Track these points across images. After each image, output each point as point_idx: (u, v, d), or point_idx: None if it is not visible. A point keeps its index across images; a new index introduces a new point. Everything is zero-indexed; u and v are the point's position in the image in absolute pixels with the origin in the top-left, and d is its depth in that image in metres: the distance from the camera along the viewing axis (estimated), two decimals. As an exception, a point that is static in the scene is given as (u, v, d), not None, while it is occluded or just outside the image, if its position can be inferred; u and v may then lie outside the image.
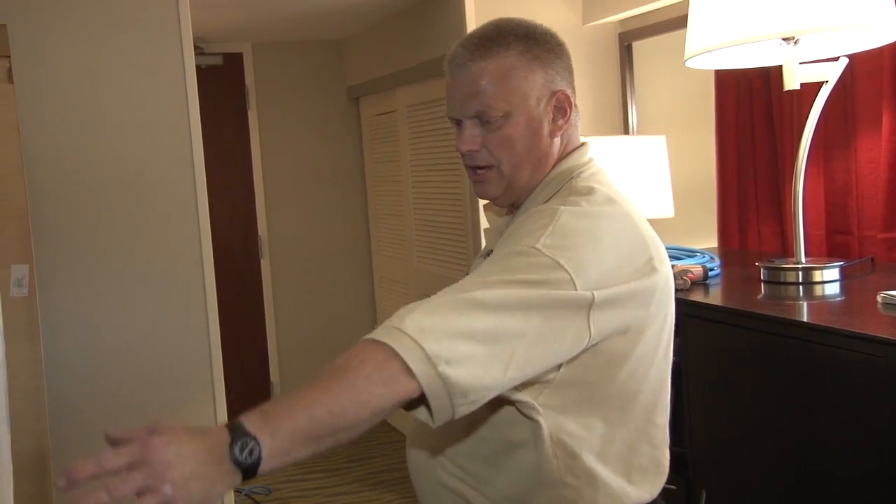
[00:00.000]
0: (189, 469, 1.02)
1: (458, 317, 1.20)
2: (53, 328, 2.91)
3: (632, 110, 3.76)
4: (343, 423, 1.12)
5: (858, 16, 2.03)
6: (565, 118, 1.46)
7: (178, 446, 1.03)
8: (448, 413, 1.18)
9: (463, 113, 1.45)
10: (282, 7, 4.15)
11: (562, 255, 1.27)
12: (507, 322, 1.22)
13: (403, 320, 1.19)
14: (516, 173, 1.45)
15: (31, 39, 2.90)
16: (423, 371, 1.15)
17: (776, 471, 1.95)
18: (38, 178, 2.89)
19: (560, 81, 1.45)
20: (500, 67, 1.41)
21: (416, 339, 1.16)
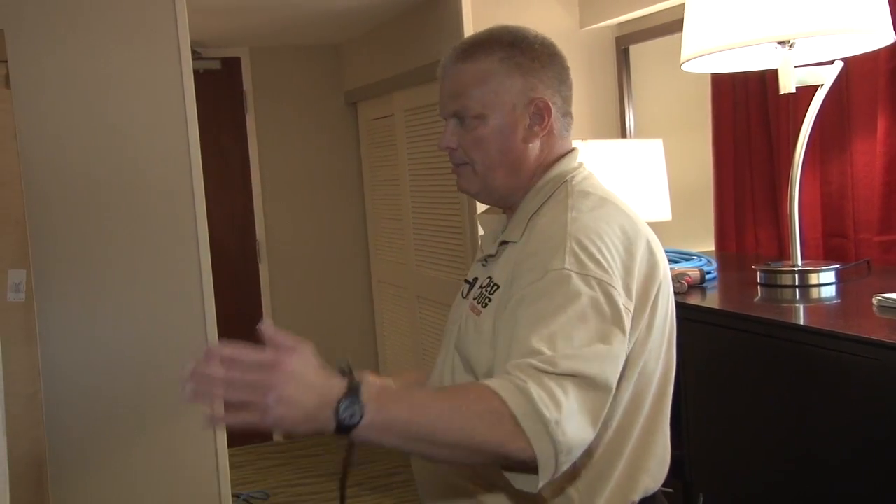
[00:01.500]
0: (298, 396, 1.10)
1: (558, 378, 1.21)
2: (51, 333, 2.91)
3: (629, 114, 3.77)
4: (440, 439, 1.17)
5: (853, 19, 2.03)
6: (542, 125, 1.50)
7: (304, 370, 1.12)
8: (551, 473, 1.20)
9: (444, 111, 1.55)
10: (279, 11, 4.16)
11: (593, 269, 1.32)
12: (596, 373, 1.24)
13: (528, 384, 1.19)
14: (489, 173, 1.52)
15: (28, 44, 2.90)
16: (534, 429, 1.17)
17: (774, 473, 1.95)
18: (36, 184, 2.89)
19: (543, 89, 1.50)
20: (479, 71, 1.49)
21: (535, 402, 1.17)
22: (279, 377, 1.10)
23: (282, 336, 1.14)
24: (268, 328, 1.13)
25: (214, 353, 1.11)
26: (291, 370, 1.10)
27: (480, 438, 1.18)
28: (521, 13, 3.64)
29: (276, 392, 1.09)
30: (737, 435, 2.07)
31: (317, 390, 1.11)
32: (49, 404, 2.67)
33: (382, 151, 4.95)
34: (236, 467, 4.68)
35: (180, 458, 3.13)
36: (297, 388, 1.10)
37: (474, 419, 1.17)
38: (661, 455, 1.52)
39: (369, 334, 5.40)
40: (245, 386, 1.11)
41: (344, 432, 1.12)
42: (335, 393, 1.12)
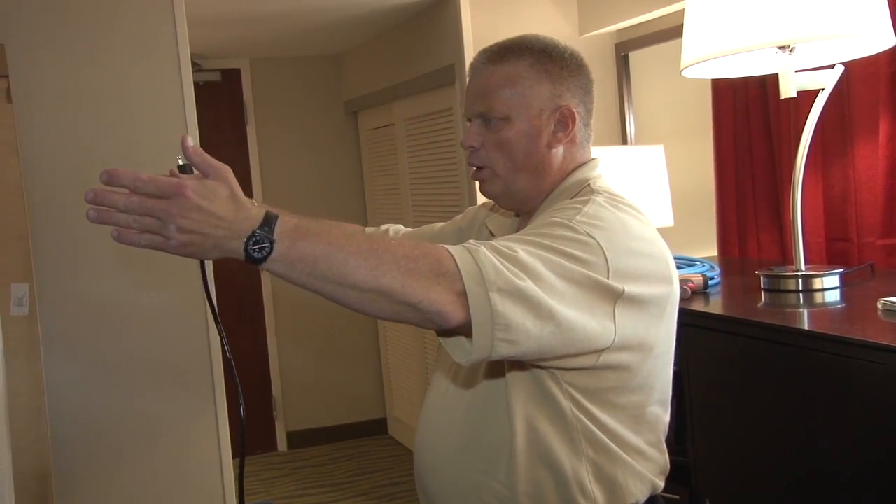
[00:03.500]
0: (200, 227, 1.09)
1: (513, 265, 1.23)
2: (54, 347, 2.91)
3: (629, 120, 3.77)
4: (350, 281, 1.15)
5: (853, 24, 2.03)
6: (566, 132, 1.52)
7: (212, 200, 1.09)
8: (487, 347, 1.20)
9: (470, 111, 1.54)
10: (279, 23, 4.17)
11: (595, 232, 1.33)
12: (553, 283, 1.24)
13: (479, 249, 1.22)
14: (511, 176, 1.52)
15: (29, 58, 2.91)
16: (476, 291, 1.18)
17: (779, 479, 1.94)
18: (38, 198, 2.89)
19: (570, 97, 1.52)
20: (509, 73, 1.50)
21: (478, 262, 1.19)
22: (180, 206, 1.08)
23: (200, 157, 1.12)
24: (191, 146, 1.12)
25: (118, 175, 1.09)
26: (194, 199, 1.08)
27: (402, 282, 1.16)
28: (520, 21, 3.64)
29: (175, 222, 1.08)
30: (742, 441, 2.07)
31: (224, 222, 1.10)
32: (53, 418, 2.67)
33: (383, 160, 4.96)
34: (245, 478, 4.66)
35: (185, 470, 3.13)
36: (200, 218, 1.09)
37: (401, 262, 1.16)
38: (661, 460, 1.54)
39: (372, 340, 5.40)
40: (145, 212, 1.09)
41: (253, 263, 1.13)
42: (245, 226, 1.11)
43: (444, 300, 1.18)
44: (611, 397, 1.43)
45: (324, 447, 5.28)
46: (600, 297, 1.30)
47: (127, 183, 1.08)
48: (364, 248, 1.16)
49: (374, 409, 5.41)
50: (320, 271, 1.15)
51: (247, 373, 5.13)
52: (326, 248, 1.15)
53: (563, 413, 1.42)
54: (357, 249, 1.16)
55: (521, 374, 1.43)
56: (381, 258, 1.16)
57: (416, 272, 1.17)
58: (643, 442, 1.49)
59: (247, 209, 1.12)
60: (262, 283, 5.21)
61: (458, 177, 3.91)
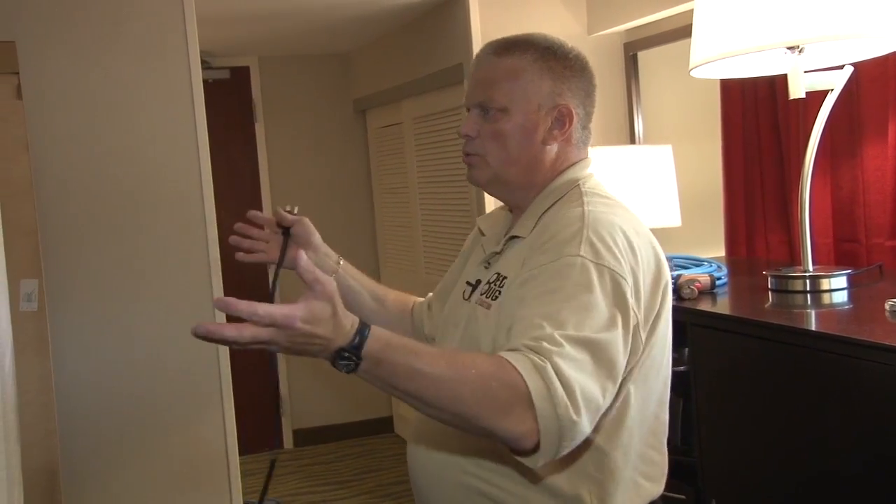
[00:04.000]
0: (302, 346, 1.15)
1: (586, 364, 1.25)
2: (63, 343, 2.92)
3: (638, 120, 3.76)
4: (429, 403, 1.21)
5: (863, 24, 2.03)
6: (562, 130, 1.53)
7: (314, 328, 1.13)
8: (553, 454, 1.24)
9: (470, 100, 1.56)
10: (288, 21, 4.17)
11: (608, 260, 1.35)
12: (598, 374, 1.26)
13: (547, 365, 1.22)
14: (503, 167, 1.54)
15: (39, 56, 2.92)
16: (545, 410, 1.20)
17: (786, 480, 1.94)
18: (48, 194, 2.90)
19: (570, 97, 1.53)
20: (512, 66, 1.51)
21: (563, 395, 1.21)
22: (288, 335, 1.12)
23: (311, 274, 1.16)
24: (303, 263, 1.16)
25: (234, 307, 1.10)
26: (302, 328, 1.12)
27: (476, 412, 1.20)
28: (529, 20, 3.64)
29: (281, 344, 1.13)
30: (748, 441, 2.06)
31: (323, 340, 1.14)
32: (62, 413, 2.68)
33: (391, 159, 4.96)
34: (248, 475, 4.66)
35: (192, 467, 3.13)
36: (303, 341, 1.14)
37: (477, 393, 1.19)
38: (660, 461, 1.54)
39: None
40: (255, 340, 1.12)
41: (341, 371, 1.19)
42: (337, 343, 1.15)
43: (520, 428, 1.21)
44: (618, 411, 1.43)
45: (330, 445, 5.29)
46: (631, 338, 1.35)
47: (244, 316, 1.11)
48: (444, 377, 1.20)
49: (380, 407, 5.41)
50: (402, 390, 1.20)
51: (254, 371, 5.14)
52: (408, 372, 1.19)
53: None
54: (437, 378, 1.19)
55: None
56: (459, 388, 1.20)
57: (490, 402, 1.20)
58: (646, 449, 1.49)
59: (343, 326, 1.16)
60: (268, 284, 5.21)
61: (465, 176, 3.91)
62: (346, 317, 1.16)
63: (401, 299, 1.95)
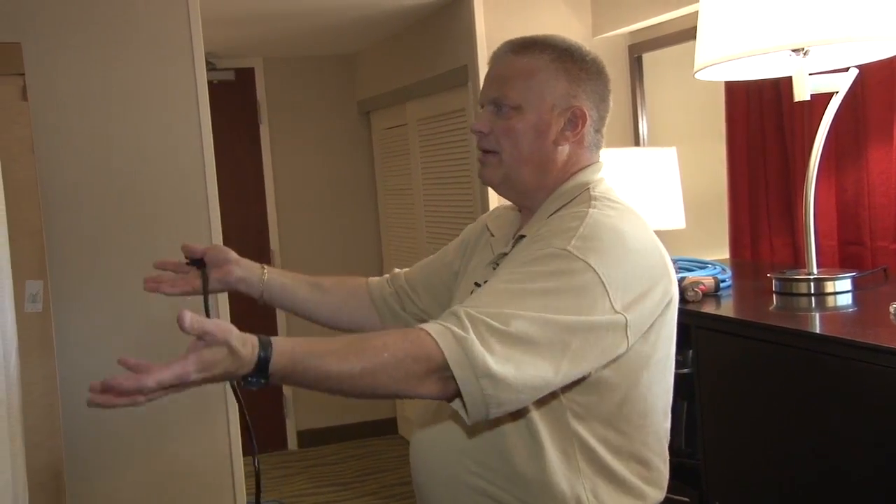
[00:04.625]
0: (206, 381, 1.22)
1: (505, 342, 1.27)
2: (68, 344, 2.92)
3: (642, 122, 3.76)
4: (348, 394, 1.27)
5: (868, 27, 2.03)
6: (574, 131, 1.53)
7: (210, 372, 1.20)
8: (483, 416, 1.28)
9: (484, 97, 1.56)
10: (293, 22, 4.18)
11: (592, 258, 1.34)
12: (552, 346, 1.29)
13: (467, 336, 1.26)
14: (515, 166, 1.53)
15: (44, 57, 2.93)
16: (466, 379, 1.25)
17: (790, 483, 1.94)
18: (53, 195, 2.90)
19: (584, 100, 1.53)
20: (528, 65, 1.52)
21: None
22: (186, 384, 1.20)
23: (199, 328, 1.20)
24: (187, 322, 1.21)
25: (120, 387, 1.24)
26: (198, 377, 1.19)
27: (395, 389, 1.27)
28: (533, 22, 3.64)
29: (184, 389, 1.22)
30: (752, 444, 2.06)
31: (225, 375, 1.21)
32: (66, 414, 2.68)
33: (395, 161, 4.97)
34: (251, 476, 4.67)
35: (196, 468, 3.14)
36: (203, 379, 1.20)
37: (392, 373, 1.24)
38: (661, 467, 1.53)
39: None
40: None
41: None
42: (241, 373, 1.21)
43: (435, 391, 1.28)
44: (610, 409, 1.43)
45: (334, 446, 5.29)
46: (605, 335, 1.34)
47: (132, 392, 1.23)
48: (357, 371, 1.24)
49: (383, 408, 5.42)
50: (321, 390, 1.27)
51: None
52: (319, 376, 1.24)
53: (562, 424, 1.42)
54: (350, 375, 1.24)
55: None
56: (375, 375, 1.25)
57: (407, 378, 1.25)
58: (646, 452, 1.49)
59: (242, 357, 1.20)
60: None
61: (470, 178, 3.92)
62: (245, 345, 1.20)
63: (343, 281, 1.92)
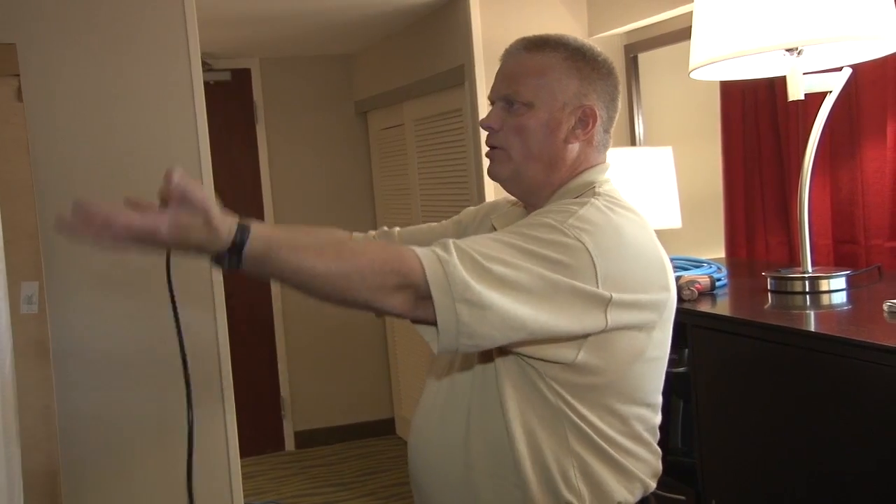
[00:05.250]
0: (178, 245, 1.23)
1: (485, 276, 1.28)
2: (63, 346, 2.92)
3: (638, 121, 3.77)
4: (318, 293, 1.27)
5: (862, 26, 2.03)
6: (585, 130, 1.54)
7: (184, 237, 1.20)
8: (452, 345, 1.28)
9: (496, 93, 1.56)
10: (289, 22, 4.18)
11: (584, 236, 1.35)
12: (529, 292, 1.30)
13: (450, 259, 1.27)
14: (524, 163, 1.53)
15: (39, 58, 2.92)
16: (442, 301, 1.25)
17: (786, 481, 1.94)
18: (48, 197, 2.90)
19: (595, 99, 1.54)
20: (541, 63, 1.52)
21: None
22: (156, 243, 1.21)
23: (180, 191, 1.20)
24: (175, 181, 1.20)
25: (85, 208, 1.20)
26: (169, 238, 1.20)
27: (367, 296, 1.26)
28: (529, 22, 3.64)
29: (155, 246, 1.23)
30: (748, 442, 2.07)
31: (198, 244, 1.21)
32: (62, 416, 2.68)
33: (392, 161, 4.97)
34: (249, 477, 4.68)
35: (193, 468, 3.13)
36: (177, 242, 1.22)
37: (368, 278, 1.24)
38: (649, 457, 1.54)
39: (380, 344, 5.41)
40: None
41: None
42: (213, 248, 1.22)
43: (404, 308, 1.28)
44: (597, 397, 1.44)
45: (332, 447, 5.29)
46: (585, 304, 1.33)
47: (99, 225, 1.22)
48: (333, 270, 1.24)
49: (381, 408, 5.42)
50: (289, 283, 1.27)
51: (256, 372, 5.15)
52: (291, 268, 1.24)
53: (550, 406, 1.43)
54: (325, 270, 1.24)
55: (509, 369, 1.45)
56: (349, 278, 1.24)
57: (380, 287, 1.25)
58: (633, 443, 1.49)
59: (219, 231, 1.20)
60: (270, 283, 5.22)
61: (467, 178, 3.92)
62: (224, 222, 1.20)
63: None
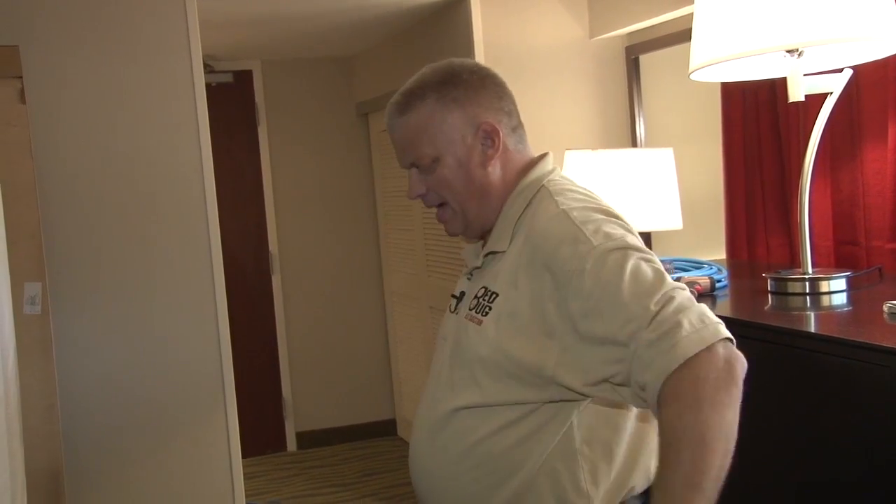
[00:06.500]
0: None
1: None
2: (66, 346, 2.93)
3: (639, 123, 3.77)
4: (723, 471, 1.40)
5: (862, 27, 2.03)
6: (494, 147, 1.55)
7: None
8: None
9: (403, 163, 1.59)
10: (291, 24, 4.18)
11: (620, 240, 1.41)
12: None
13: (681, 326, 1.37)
14: (464, 207, 1.56)
15: (42, 60, 2.93)
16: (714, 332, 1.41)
17: (783, 481, 1.95)
18: (51, 198, 2.91)
19: (484, 113, 1.54)
20: (419, 119, 1.54)
21: None
22: None
23: None
24: None
25: None
26: None
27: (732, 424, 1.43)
28: (530, 24, 3.65)
29: None
30: (747, 442, 2.06)
31: None
32: (65, 416, 2.69)
33: (394, 162, 4.95)
34: (250, 477, 4.69)
35: (195, 469, 3.15)
36: None
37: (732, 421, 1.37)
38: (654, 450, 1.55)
39: (382, 345, 5.41)
40: None
41: None
42: None
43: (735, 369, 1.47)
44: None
45: (333, 447, 5.30)
46: None
47: None
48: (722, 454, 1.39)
49: (383, 409, 5.42)
50: None
51: (257, 373, 5.15)
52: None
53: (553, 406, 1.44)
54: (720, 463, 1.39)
55: None
56: (715, 452, 1.40)
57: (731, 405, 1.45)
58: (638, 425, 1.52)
59: None
60: (272, 284, 5.23)
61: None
62: None
63: None
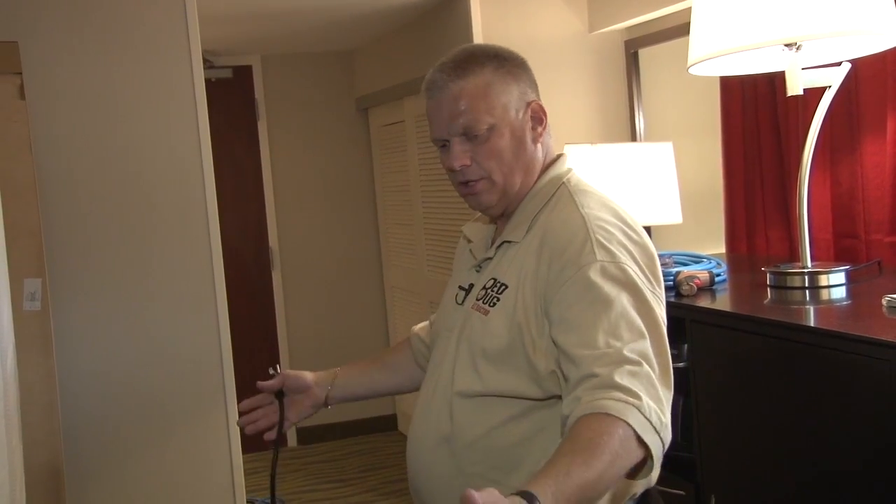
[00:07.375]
0: None
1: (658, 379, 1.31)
2: (66, 342, 2.93)
3: (639, 117, 3.77)
4: (598, 494, 1.25)
5: (860, 21, 2.04)
6: (542, 125, 1.56)
7: None
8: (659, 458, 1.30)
9: (450, 132, 1.52)
10: (290, 19, 4.18)
11: (621, 257, 1.40)
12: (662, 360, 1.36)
13: (640, 399, 1.26)
14: (508, 180, 1.53)
15: (42, 57, 2.93)
16: (653, 441, 1.26)
17: (784, 475, 1.95)
18: (51, 194, 2.91)
19: (531, 93, 1.55)
20: (480, 84, 1.50)
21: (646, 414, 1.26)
22: None
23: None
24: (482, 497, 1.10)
25: None
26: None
27: (624, 469, 1.25)
28: (530, 18, 3.65)
29: None
30: (747, 437, 2.07)
31: None
32: (65, 413, 2.69)
33: (393, 157, 4.97)
34: (251, 473, 4.68)
35: (196, 465, 3.15)
36: None
37: (617, 461, 1.23)
38: None
39: (382, 340, 5.41)
40: None
41: None
42: None
43: (643, 454, 1.27)
44: None
45: (334, 443, 5.30)
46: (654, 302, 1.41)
47: None
48: (596, 467, 1.21)
49: (383, 404, 5.43)
50: None
51: (258, 368, 5.15)
52: (579, 492, 1.19)
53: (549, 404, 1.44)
54: (597, 475, 1.21)
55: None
56: (612, 465, 1.23)
57: (625, 465, 1.25)
58: None
59: None
60: (272, 280, 5.23)
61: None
62: None
63: (399, 347, 1.95)
